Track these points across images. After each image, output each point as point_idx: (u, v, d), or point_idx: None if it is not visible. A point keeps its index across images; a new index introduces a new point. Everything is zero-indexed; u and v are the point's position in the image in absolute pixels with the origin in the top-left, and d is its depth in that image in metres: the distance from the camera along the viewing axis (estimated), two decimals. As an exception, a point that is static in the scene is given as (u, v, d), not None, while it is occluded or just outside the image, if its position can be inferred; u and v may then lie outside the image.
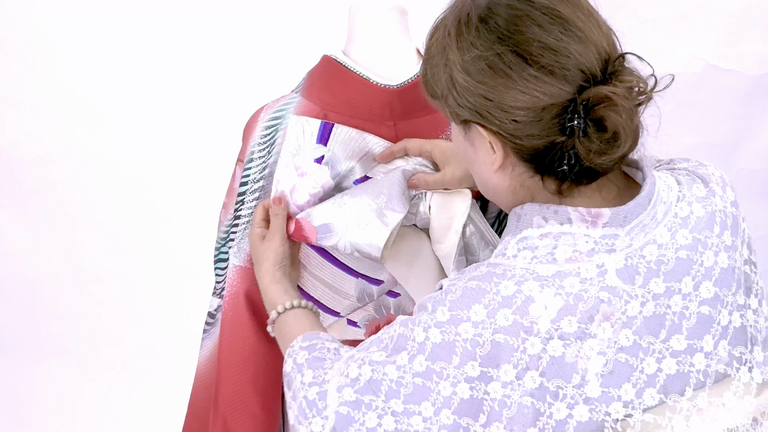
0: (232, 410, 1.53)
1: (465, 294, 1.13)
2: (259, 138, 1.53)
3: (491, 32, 1.13)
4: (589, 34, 1.12)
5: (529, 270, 1.13)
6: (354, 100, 1.50)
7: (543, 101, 1.11)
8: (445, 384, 1.12)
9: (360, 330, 1.57)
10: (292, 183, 1.51)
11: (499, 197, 1.23)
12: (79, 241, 3.22)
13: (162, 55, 3.12)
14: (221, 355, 1.55)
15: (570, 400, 1.10)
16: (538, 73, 1.11)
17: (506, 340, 1.10)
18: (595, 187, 1.17)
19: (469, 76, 1.14)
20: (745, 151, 3.01)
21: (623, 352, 1.12)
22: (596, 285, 1.12)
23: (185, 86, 3.13)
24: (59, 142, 3.14)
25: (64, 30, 3.08)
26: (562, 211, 1.15)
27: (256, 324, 1.54)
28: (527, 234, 1.17)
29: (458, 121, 1.20)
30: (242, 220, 1.55)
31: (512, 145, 1.15)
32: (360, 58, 1.53)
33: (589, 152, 1.10)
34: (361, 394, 1.17)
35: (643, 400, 1.13)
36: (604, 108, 1.09)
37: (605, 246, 1.14)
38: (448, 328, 1.12)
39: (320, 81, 1.54)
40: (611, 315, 1.11)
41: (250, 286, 1.54)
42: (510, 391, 1.10)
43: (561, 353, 1.10)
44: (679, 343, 1.15)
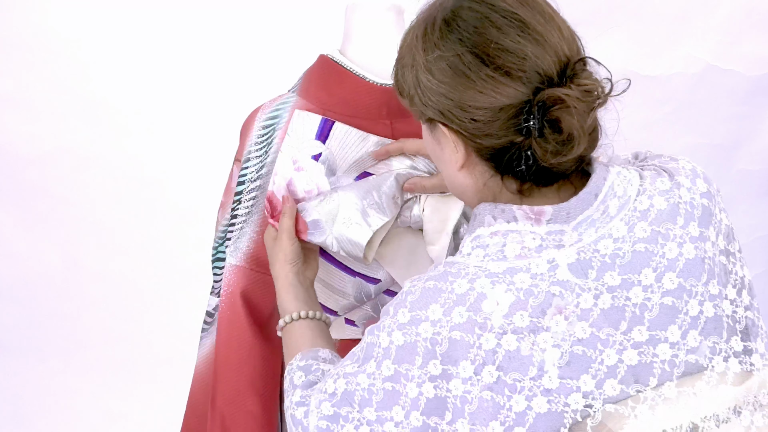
0: (230, 409, 1.53)
1: (423, 294, 1.16)
2: (256, 138, 1.54)
3: (452, 33, 1.16)
4: (548, 37, 1.15)
5: (481, 267, 1.15)
6: (351, 99, 1.51)
7: (500, 101, 1.13)
8: (412, 385, 1.15)
9: (358, 329, 1.57)
10: (289, 176, 1.51)
11: (466, 196, 1.26)
12: (79, 241, 3.22)
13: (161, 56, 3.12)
14: (218, 354, 1.55)
15: (528, 392, 1.12)
16: (495, 74, 1.14)
17: (462, 337, 1.12)
18: (555, 188, 1.20)
19: (431, 76, 1.17)
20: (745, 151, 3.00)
21: (580, 344, 1.13)
22: (547, 280, 1.14)
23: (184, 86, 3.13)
24: (59, 142, 3.14)
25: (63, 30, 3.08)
26: (508, 210, 1.18)
27: (252, 323, 1.54)
28: (479, 233, 1.20)
29: (424, 120, 1.24)
30: (239, 219, 1.55)
31: (473, 144, 1.18)
32: (357, 57, 1.53)
33: (546, 153, 1.13)
34: (338, 407, 1.21)
35: (604, 391, 1.14)
36: (558, 110, 1.12)
37: (553, 242, 1.16)
38: (409, 329, 1.15)
39: (317, 80, 1.54)
40: (564, 308, 1.13)
41: (247, 285, 1.54)
42: (470, 386, 1.13)
43: (516, 347, 1.12)
44: (640, 335, 1.16)
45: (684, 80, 2.89)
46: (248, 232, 1.54)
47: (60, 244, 3.20)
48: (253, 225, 1.54)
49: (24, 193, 3.16)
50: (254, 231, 1.54)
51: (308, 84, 1.55)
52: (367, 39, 1.53)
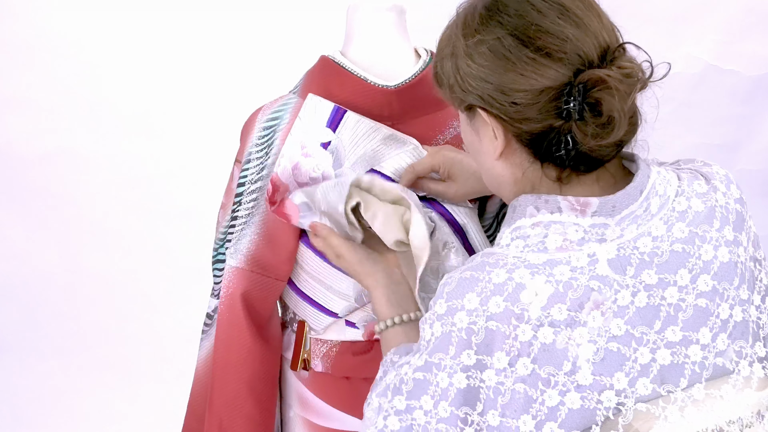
0: (228, 411, 1.53)
1: (459, 284, 1.15)
2: (257, 139, 1.53)
3: (493, 18, 1.17)
4: (587, 22, 1.15)
5: (521, 258, 1.15)
6: (352, 100, 1.51)
7: (540, 83, 1.13)
8: (443, 375, 1.15)
9: (358, 331, 1.57)
10: (295, 160, 1.51)
11: (503, 189, 1.25)
12: (79, 241, 3.22)
13: (161, 56, 3.12)
14: (217, 356, 1.55)
15: (561, 387, 1.12)
16: (535, 55, 1.14)
17: (498, 327, 1.12)
18: (594, 177, 1.19)
19: (471, 61, 1.17)
20: (745, 151, 3.01)
21: (615, 341, 1.13)
22: (587, 274, 1.13)
23: (184, 86, 3.13)
24: (59, 142, 3.14)
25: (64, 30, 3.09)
26: (552, 200, 1.18)
27: (252, 325, 1.54)
28: (520, 224, 1.19)
29: (463, 108, 1.23)
30: (239, 221, 1.54)
31: (512, 129, 1.17)
32: (358, 58, 1.53)
33: (586, 136, 1.13)
34: (379, 398, 1.22)
35: (636, 390, 1.14)
36: (599, 91, 1.12)
37: (595, 235, 1.16)
38: (446, 319, 1.15)
39: (318, 82, 1.54)
40: (601, 304, 1.13)
41: (247, 287, 1.54)
42: (503, 378, 1.12)
43: (551, 340, 1.11)
44: (674, 335, 1.16)
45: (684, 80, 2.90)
46: (249, 233, 1.54)
47: (60, 244, 3.20)
48: (254, 227, 1.54)
49: (24, 193, 3.17)
50: (255, 233, 1.54)
51: (309, 85, 1.55)
52: (368, 40, 1.53)
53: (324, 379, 1.58)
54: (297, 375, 1.61)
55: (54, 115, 3.13)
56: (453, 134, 1.57)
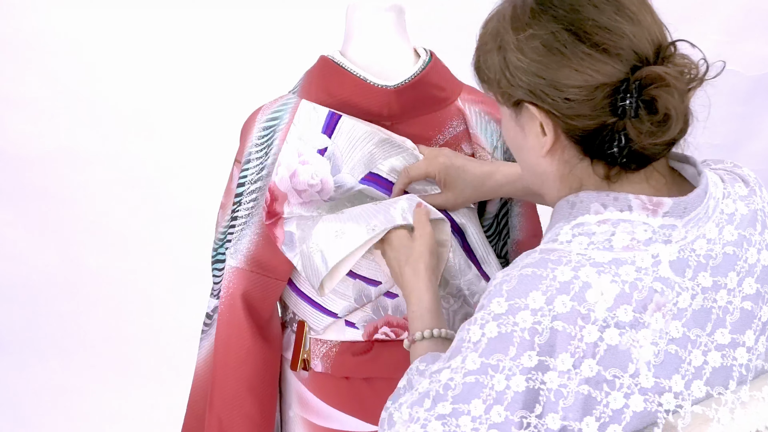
0: (228, 411, 1.53)
1: (521, 281, 1.11)
2: (257, 139, 1.53)
3: (546, 12, 1.15)
4: (642, 18, 1.14)
5: (585, 256, 1.12)
6: (351, 100, 1.50)
7: (596, 79, 1.12)
8: (500, 377, 1.10)
9: (358, 331, 1.57)
10: (293, 168, 1.50)
11: (546, 185, 1.23)
12: (79, 241, 3.22)
13: (161, 56, 3.12)
14: (217, 356, 1.55)
15: (626, 389, 1.10)
16: (592, 51, 1.12)
17: (564, 328, 1.09)
18: (643, 175, 1.17)
19: (523, 55, 1.15)
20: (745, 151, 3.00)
21: (673, 344, 1.12)
22: (650, 275, 1.11)
23: (185, 87, 3.13)
24: (59, 142, 3.14)
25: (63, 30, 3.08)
26: (623, 198, 1.15)
27: (252, 325, 1.53)
28: (583, 220, 1.16)
29: (510, 104, 1.20)
30: (239, 221, 1.54)
31: (564, 125, 1.15)
32: (357, 58, 1.53)
33: (640, 134, 1.11)
34: (411, 408, 1.15)
35: (692, 392, 1.13)
36: (656, 88, 1.10)
37: (662, 236, 1.14)
38: (506, 318, 1.10)
39: (317, 81, 1.54)
40: (663, 305, 1.11)
41: (247, 287, 1.54)
42: (567, 380, 1.09)
43: (617, 342, 1.09)
44: (723, 337, 1.15)
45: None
46: (248, 233, 1.54)
47: (60, 244, 3.20)
48: (254, 227, 1.54)
49: (24, 193, 3.16)
50: (255, 233, 1.54)
51: (309, 85, 1.55)
52: (368, 40, 1.53)
53: (324, 380, 1.58)
54: (297, 375, 1.61)
55: (54, 115, 3.13)
56: (453, 134, 1.56)
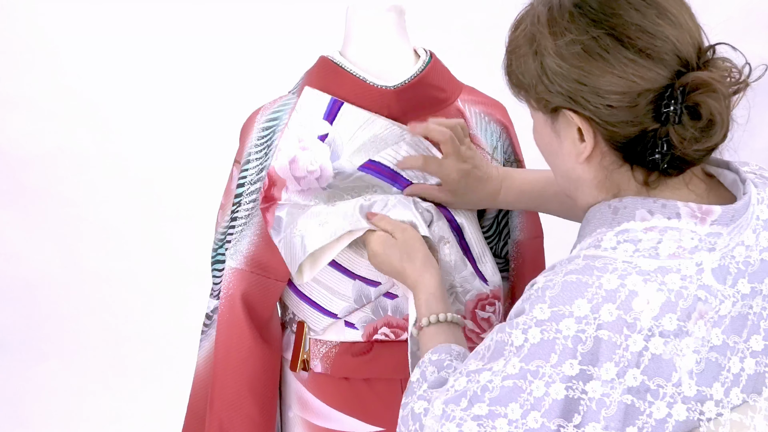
0: (228, 412, 1.53)
1: (565, 288, 1.09)
2: (256, 139, 1.53)
3: (585, 16, 1.12)
4: (682, 21, 1.12)
5: (631, 263, 1.09)
6: (351, 100, 1.50)
7: (640, 86, 1.09)
8: (539, 384, 1.08)
9: (358, 332, 1.57)
10: (293, 154, 1.50)
11: (581, 191, 1.21)
12: (79, 241, 3.22)
13: (162, 57, 3.12)
14: (217, 357, 1.54)
15: (670, 399, 1.08)
16: (636, 57, 1.09)
17: (609, 337, 1.07)
18: (682, 180, 1.16)
19: (563, 61, 1.12)
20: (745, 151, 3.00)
21: (714, 351, 1.10)
22: (695, 283, 1.09)
23: (184, 87, 3.13)
24: (59, 142, 3.14)
25: (64, 31, 3.09)
26: (671, 205, 1.13)
27: (252, 326, 1.53)
28: (629, 227, 1.13)
29: (547, 110, 1.17)
30: (239, 222, 1.54)
31: (604, 132, 1.13)
32: (357, 59, 1.53)
33: (683, 140, 1.09)
34: (446, 405, 1.14)
35: (730, 399, 1.12)
36: (700, 94, 1.08)
37: (708, 244, 1.12)
38: (549, 325, 1.08)
39: (317, 82, 1.54)
40: (706, 314, 1.09)
41: (247, 288, 1.54)
42: (610, 389, 1.07)
43: (661, 351, 1.07)
44: (757, 344, 1.14)
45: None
46: (248, 234, 1.54)
47: (60, 244, 3.21)
48: (254, 227, 1.54)
49: (24, 193, 3.17)
50: (254, 233, 1.54)
51: (308, 85, 1.55)
52: (368, 40, 1.53)
53: (323, 380, 1.58)
54: (296, 376, 1.61)
55: (54, 115, 3.13)
56: (453, 134, 1.56)
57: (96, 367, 3.22)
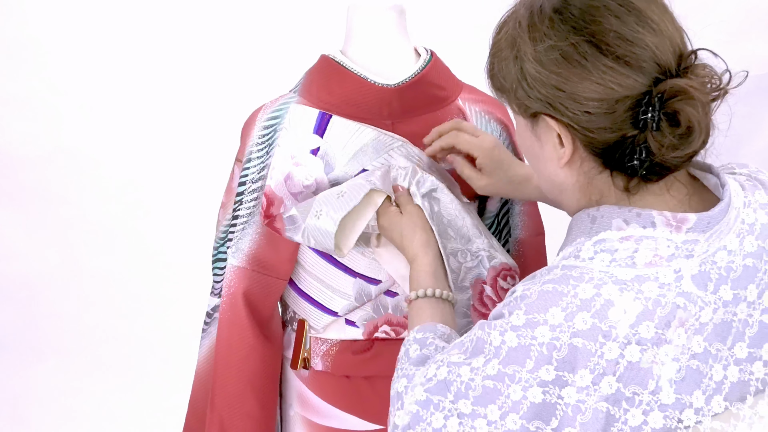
0: (229, 409, 1.53)
1: (541, 297, 1.10)
2: (258, 138, 1.53)
3: (565, 22, 1.12)
4: (663, 27, 1.11)
5: (608, 273, 1.10)
6: (352, 99, 1.51)
7: (618, 93, 1.09)
8: (516, 388, 1.10)
9: (358, 330, 1.57)
10: (287, 171, 1.51)
11: (565, 195, 1.21)
12: (78, 241, 3.22)
13: (161, 56, 3.12)
14: (218, 355, 1.55)
15: (646, 406, 1.09)
16: (614, 64, 1.09)
17: (584, 345, 1.08)
18: (664, 186, 1.16)
19: (541, 67, 1.12)
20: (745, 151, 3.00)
21: (695, 359, 1.10)
22: (673, 290, 1.09)
23: (184, 87, 3.13)
24: (59, 143, 3.14)
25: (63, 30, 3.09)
26: (646, 215, 1.13)
27: (253, 324, 1.53)
28: (605, 236, 1.14)
29: (527, 115, 1.18)
30: (240, 220, 1.54)
31: (583, 138, 1.13)
32: (358, 57, 1.53)
33: (661, 147, 1.09)
34: (431, 394, 1.15)
35: (712, 407, 1.12)
36: (679, 101, 1.08)
37: (685, 251, 1.12)
38: (525, 332, 1.10)
39: (318, 80, 1.54)
40: (686, 321, 1.10)
41: (249, 286, 1.54)
42: (585, 396, 1.08)
43: (638, 359, 1.08)
44: (741, 351, 1.14)
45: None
46: (250, 232, 1.54)
47: (59, 244, 3.20)
48: (255, 226, 1.54)
49: (24, 193, 3.17)
50: (256, 232, 1.54)
51: (310, 84, 1.55)
52: (368, 39, 1.53)
53: (324, 378, 1.58)
54: (297, 374, 1.61)
55: (54, 116, 3.14)
56: (453, 133, 1.56)
57: (94, 367, 3.22)
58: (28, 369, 3.21)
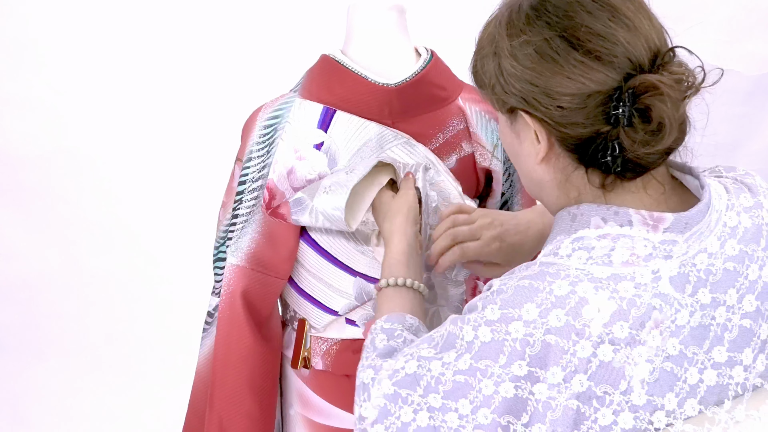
0: (228, 409, 1.53)
1: (517, 292, 1.11)
2: (258, 137, 1.54)
3: (540, 18, 1.13)
4: (638, 24, 1.11)
5: (584, 271, 1.10)
6: (352, 98, 1.51)
7: (589, 88, 1.10)
8: (488, 382, 1.10)
9: (358, 329, 1.57)
10: (290, 165, 1.51)
11: (545, 192, 1.21)
12: (78, 241, 3.22)
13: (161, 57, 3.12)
14: (217, 354, 1.55)
15: (616, 406, 1.09)
16: (585, 59, 1.10)
17: (557, 342, 1.08)
18: (641, 183, 1.15)
19: (516, 62, 1.13)
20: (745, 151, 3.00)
21: (669, 361, 1.10)
22: (650, 291, 1.10)
23: (185, 87, 3.13)
24: (59, 142, 3.14)
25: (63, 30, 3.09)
26: (623, 213, 1.13)
27: (252, 323, 1.54)
28: (584, 234, 1.14)
29: (504, 110, 1.19)
30: (240, 219, 1.55)
31: (557, 133, 1.13)
32: (358, 57, 1.53)
33: (633, 143, 1.09)
34: (399, 387, 1.16)
35: (684, 410, 1.12)
36: (649, 97, 1.08)
37: (663, 252, 1.12)
38: (499, 326, 1.10)
39: (319, 80, 1.54)
40: (661, 323, 1.10)
41: (248, 285, 1.54)
42: (556, 393, 1.09)
43: (610, 358, 1.08)
44: (720, 355, 1.14)
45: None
46: (250, 231, 1.54)
47: (59, 244, 3.20)
48: (255, 225, 1.54)
49: (24, 193, 3.16)
50: (256, 231, 1.54)
51: (310, 83, 1.55)
52: (369, 39, 1.54)
53: (324, 377, 1.58)
54: (297, 373, 1.61)
55: (54, 115, 3.13)
56: (453, 132, 1.56)
57: (94, 367, 3.22)
58: (28, 369, 3.21)
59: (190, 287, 2.92)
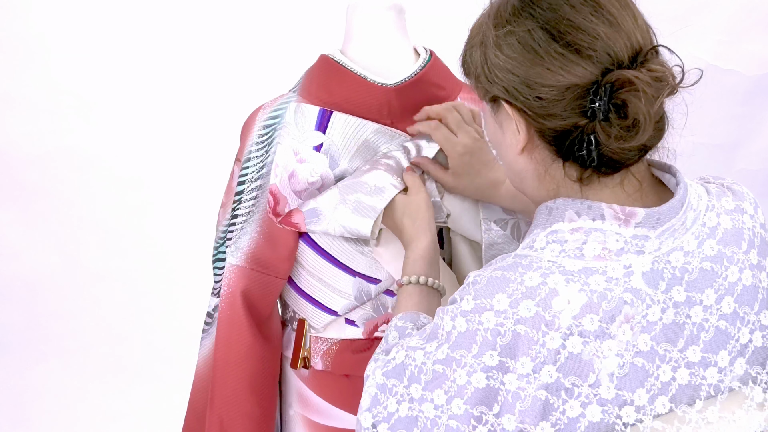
0: (228, 409, 1.53)
1: (489, 283, 1.13)
2: (257, 137, 1.54)
3: (525, 10, 1.14)
4: (621, 21, 1.12)
5: (556, 263, 1.12)
6: (351, 98, 1.51)
7: (567, 80, 1.11)
8: (461, 372, 1.12)
9: (358, 329, 1.57)
10: (290, 168, 1.51)
11: (526, 183, 1.22)
12: (78, 240, 3.22)
13: (161, 56, 3.12)
14: (217, 355, 1.55)
15: (584, 399, 1.10)
16: (565, 51, 1.11)
17: (527, 332, 1.09)
18: (618, 180, 1.17)
19: (500, 51, 1.15)
20: (745, 151, 3.01)
21: (640, 357, 1.11)
22: (621, 285, 1.11)
23: (185, 86, 3.13)
24: (59, 142, 3.14)
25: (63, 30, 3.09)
26: (596, 207, 1.15)
27: (252, 323, 1.54)
28: (557, 227, 1.16)
29: (488, 100, 1.20)
30: (240, 219, 1.55)
31: (536, 125, 1.15)
32: (357, 57, 1.53)
33: (609, 137, 1.10)
34: (387, 378, 1.19)
35: (655, 407, 1.12)
36: (625, 92, 1.09)
37: (635, 247, 1.13)
38: (472, 316, 1.12)
39: (318, 80, 1.54)
40: (632, 317, 1.10)
41: (247, 285, 1.54)
42: (525, 383, 1.10)
43: (579, 350, 1.09)
44: (694, 355, 1.14)
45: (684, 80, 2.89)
46: (249, 231, 1.55)
47: (60, 243, 3.20)
48: (254, 225, 1.54)
49: (24, 193, 3.17)
50: (255, 231, 1.54)
51: (309, 83, 1.55)
52: (368, 39, 1.54)
53: (324, 377, 1.59)
54: (297, 373, 1.61)
55: (54, 115, 3.13)
56: (453, 132, 1.56)
57: (95, 367, 3.22)
58: (30, 369, 3.21)
59: (192, 287, 2.92)
